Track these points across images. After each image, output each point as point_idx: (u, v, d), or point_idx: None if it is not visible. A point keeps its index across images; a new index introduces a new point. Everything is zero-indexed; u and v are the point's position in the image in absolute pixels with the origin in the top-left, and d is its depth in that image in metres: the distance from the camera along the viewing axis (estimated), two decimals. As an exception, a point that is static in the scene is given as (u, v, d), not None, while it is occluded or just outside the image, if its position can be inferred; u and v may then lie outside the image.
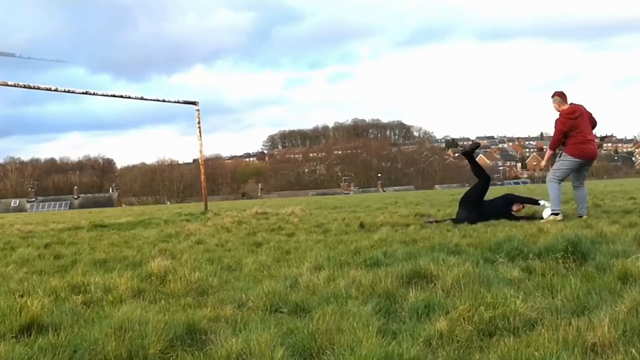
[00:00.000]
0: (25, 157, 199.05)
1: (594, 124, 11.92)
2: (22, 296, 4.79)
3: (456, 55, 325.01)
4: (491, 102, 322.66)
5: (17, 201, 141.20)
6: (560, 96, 11.61)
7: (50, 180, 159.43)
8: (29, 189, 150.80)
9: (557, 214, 11.23)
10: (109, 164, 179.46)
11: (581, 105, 11.73)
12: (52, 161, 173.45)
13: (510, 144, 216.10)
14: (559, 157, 11.91)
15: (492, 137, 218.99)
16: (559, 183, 11.61)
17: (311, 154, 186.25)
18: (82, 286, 5.43)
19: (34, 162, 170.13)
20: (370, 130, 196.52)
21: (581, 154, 11.48)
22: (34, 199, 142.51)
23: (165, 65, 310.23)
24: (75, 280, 5.62)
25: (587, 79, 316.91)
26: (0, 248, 10.69)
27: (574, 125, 11.39)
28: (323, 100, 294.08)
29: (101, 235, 13.56)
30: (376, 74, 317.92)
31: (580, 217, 11.26)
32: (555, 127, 11.68)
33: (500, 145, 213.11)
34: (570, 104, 11.64)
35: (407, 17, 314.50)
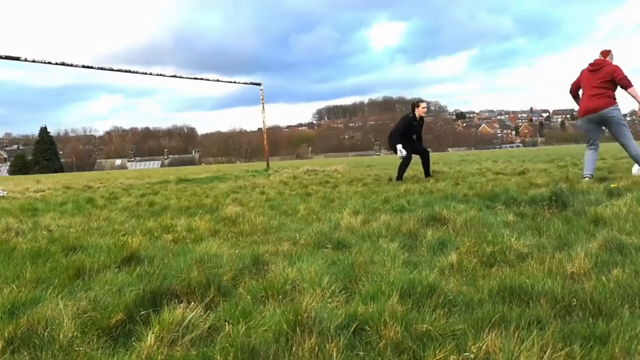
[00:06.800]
0: (126, 126, 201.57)
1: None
2: (124, 235, 4.86)
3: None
4: (493, 83, 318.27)
5: (120, 161, 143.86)
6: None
7: (146, 145, 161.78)
8: (129, 152, 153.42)
9: None
10: (192, 131, 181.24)
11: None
12: (146, 130, 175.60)
13: (507, 116, 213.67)
14: None
15: (493, 111, 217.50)
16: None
17: (350, 124, 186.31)
18: (171, 227, 5.47)
19: (133, 130, 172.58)
20: (396, 105, 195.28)
21: None
22: (133, 159, 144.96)
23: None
24: (166, 223, 5.68)
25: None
26: (107, 198, 10.85)
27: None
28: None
29: (185, 187, 13.70)
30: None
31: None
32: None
33: (499, 117, 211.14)
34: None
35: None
